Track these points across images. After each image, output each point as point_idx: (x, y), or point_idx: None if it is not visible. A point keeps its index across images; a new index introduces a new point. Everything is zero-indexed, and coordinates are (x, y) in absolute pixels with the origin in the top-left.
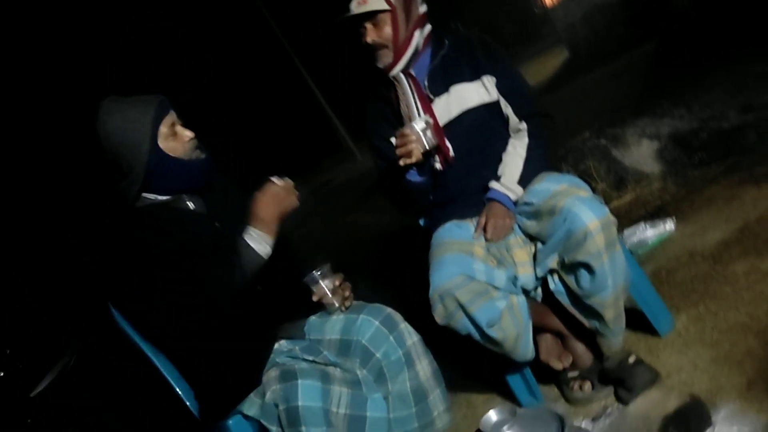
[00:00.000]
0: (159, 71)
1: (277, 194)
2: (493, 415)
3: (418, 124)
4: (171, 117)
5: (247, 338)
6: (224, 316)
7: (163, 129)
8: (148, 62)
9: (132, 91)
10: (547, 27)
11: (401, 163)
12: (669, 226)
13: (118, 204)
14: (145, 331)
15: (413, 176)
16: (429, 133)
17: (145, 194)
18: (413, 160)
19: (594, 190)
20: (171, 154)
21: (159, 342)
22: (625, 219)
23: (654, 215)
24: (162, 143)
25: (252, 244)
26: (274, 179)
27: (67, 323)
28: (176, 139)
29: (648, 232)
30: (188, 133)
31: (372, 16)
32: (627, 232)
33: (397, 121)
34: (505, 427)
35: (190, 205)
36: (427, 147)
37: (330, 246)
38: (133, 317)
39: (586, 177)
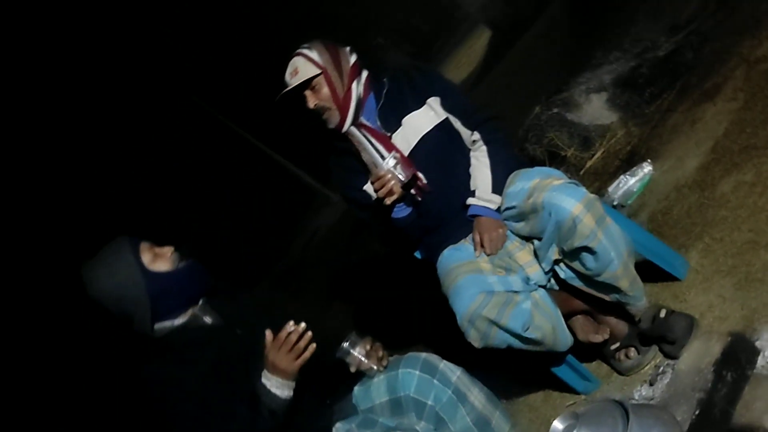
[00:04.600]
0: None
1: (292, 342)
2: (558, 425)
3: (389, 162)
4: (144, 244)
5: None
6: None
7: (145, 258)
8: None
9: None
10: (460, 12)
11: (387, 202)
12: (647, 168)
13: (141, 344)
14: None
15: (399, 212)
16: (399, 167)
17: (159, 324)
18: (396, 196)
19: (565, 158)
20: (162, 271)
21: None
22: (604, 175)
23: (629, 162)
24: (151, 268)
25: (273, 391)
26: (290, 325)
27: None
28: (160, 259)
29: (630, 182)
30: (167, 249)
31: (307, 83)
32: (611, 188)
33: (363, 168)
34: None
35: (207, 320)
36: (403, 180)
37: (344, 296)
38: None
39: (553, 149)
